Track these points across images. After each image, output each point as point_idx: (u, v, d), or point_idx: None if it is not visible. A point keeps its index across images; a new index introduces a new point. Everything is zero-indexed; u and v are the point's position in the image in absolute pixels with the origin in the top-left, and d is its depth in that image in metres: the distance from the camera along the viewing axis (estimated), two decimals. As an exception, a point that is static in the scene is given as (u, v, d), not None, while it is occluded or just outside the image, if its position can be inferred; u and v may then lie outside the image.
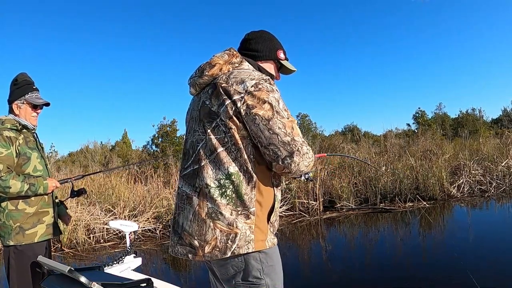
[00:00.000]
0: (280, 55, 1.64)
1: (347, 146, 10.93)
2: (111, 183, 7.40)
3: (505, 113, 23.65)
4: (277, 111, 1.36)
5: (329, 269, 4.53)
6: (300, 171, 1.40)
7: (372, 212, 7.56)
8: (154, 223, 6.79)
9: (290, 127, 1.37)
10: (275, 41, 1.65)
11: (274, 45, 1.64)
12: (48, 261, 1.88)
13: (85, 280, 1.75)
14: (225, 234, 1.35)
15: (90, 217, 6.42)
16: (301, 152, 1.36)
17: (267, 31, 1.68)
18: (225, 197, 1.36)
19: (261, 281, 1.41)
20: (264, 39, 1.63)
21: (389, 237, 5.82)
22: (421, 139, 10.46)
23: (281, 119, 1.36)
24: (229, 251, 1.35)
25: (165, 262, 5.46)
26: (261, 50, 1.61)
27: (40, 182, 2.29)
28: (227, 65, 1.47)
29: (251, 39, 1.64)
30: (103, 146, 15.86)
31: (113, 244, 6.31)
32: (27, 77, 2.47)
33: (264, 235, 1.42)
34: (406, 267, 4.27)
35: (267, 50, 1.62)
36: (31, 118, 2.41)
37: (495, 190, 8.37)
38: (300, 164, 1.36)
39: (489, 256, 4.40)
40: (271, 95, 1.37)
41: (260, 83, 1.38)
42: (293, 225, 7.05)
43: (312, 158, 1.41)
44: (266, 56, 1.61)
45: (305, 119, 22.15)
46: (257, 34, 1.65)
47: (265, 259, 1.42)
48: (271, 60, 1.63)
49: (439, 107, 24.88)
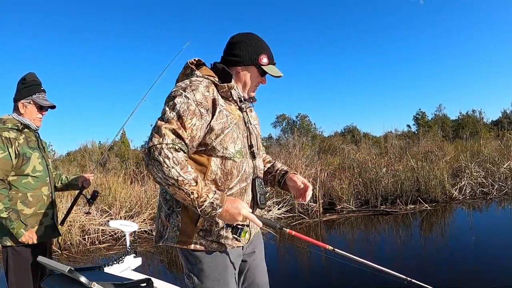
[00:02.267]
0: (262, 60, 1.62)
1: (347, 147, 10.96)
2: (108, 183, 7.37)
3: (504, 115, 23.81)
4: (165, 112, 1.42)
5: (329, 272, 4.52)
6: (156, 179, 1.35)
7: (373, 215, 7.56)
8: (151, 224, 6.76)
9: (158, 126, 1.37)
10: (258, 46, 1.64)
11: (257, 50, 1.63)
12: (48, 261, 1.88)
13: (85, 280, 1.75)
14: (162, 224, 1.59)
15: (86, 218, 6.39)
16: (150, 156, 1.33)
17: (252, 34, 1.68)
18: (167, 194, 1.57)
19: (191, 278, 1.55)
20: (246, 44, 1.63)
21: (390, 240, 5.83)
22: (422, 140, 10.49)
23: (160, 118, 1.41)
24: (161, 239, 1.58)
25: (165, 262, 5.46)
26: (242, 56, 1.62)
27: (19, 227, 2.18)
28: (183, 76, 1.62)
29: (235, 43, 1.65)
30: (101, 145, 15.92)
31: (108, 245, 6.28)
32: (35, 77, 2.47)
33: (187, 236, 1.52)
34: (407, 271, 4.25)
35: (248, 56, 1.62)
36: (36, 119, 2.42)
37: (498, 192, 8.40)
38: (150, 170, 1.34)
39: (492, 260, 4.39)
40: (176, 99, 1.42)
41: (177, 89, 1.47)
42: (292, 227, 7.05)
43: (171, 171, 1.30)
44: (246, 62, 1.62)
45: (304, 119, 22.22)
46: (241, 38, 1.66)
47: (193, 260, 1.54)
48: (252, 66, 1.63)
49: (439, 109, 25.04)
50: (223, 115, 1.50)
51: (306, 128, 21.31)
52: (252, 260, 1.75)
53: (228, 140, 1.51)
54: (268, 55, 1.65)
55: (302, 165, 8.46)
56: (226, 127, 1.51)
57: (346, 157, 9.99)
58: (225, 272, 1.55)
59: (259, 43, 1.65)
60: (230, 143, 1.52)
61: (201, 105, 1.44)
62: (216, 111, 1.48)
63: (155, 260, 5.61)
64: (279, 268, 4.98)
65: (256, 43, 1.64)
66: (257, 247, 1.80)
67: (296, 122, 23.05)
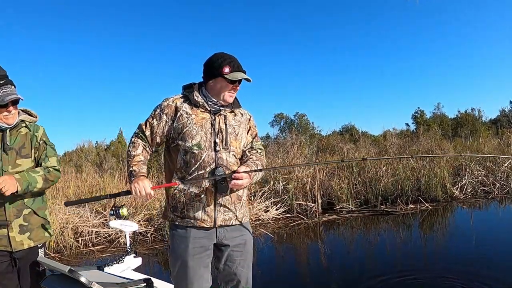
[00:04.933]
0: (225, 70, 1.99)
1: (346, 146, 10.98)
2: (104, 183, 7.34)
3: (503, 113, 24.01)
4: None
5: (328, 274, 4.53)
6: None
7: (373, 215, 7.59)
8: (146, 226, 6.73)
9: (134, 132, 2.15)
10: (220, 61, 2.03)
11: (218, 64, 2.02)
12: (48, 261, 1.88)
13: (85, 280, 1.76)
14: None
15: (79, 219, 6.35)
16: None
17: (216, 53, 2.09)
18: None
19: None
20: (212, 61, 2.06)
21: (390, 241, 5.84)
22: (422, 139, 10.56)
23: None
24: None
25: (165, 262, 5.44)
26: (207, 72, 2.08)
27: None
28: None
29: (205, 64, 2.11)
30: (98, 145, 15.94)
31: (102, 248, 6.25)
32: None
33: (166, 211, 2.11)
34: (408, 272, 4.27)
35: (211, 72, 2.05)
36: (3, 118, 2.25)
37: (499, 191, 8.46)
38: None
39: (494, 261, 4.42)
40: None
41: None
42: (290, 228, 7.05)
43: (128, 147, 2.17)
44: (213, 76, 2.04)
45: (302, 118, 22.28)
46: (208, 59, 2.10)
47: (169, 235, 2.09)
48: (219, 77, 2.01)
49: (438, 107, 25.18)
50: (183, 117, 2.02)
51: (304, 127, 21.34)
52: (231, 250, 2.07)
53: (187, 136, 1.99)
54: (231, 65, 2.01)
55: (300, 165, 8.47)
56: (185, 126, 2.00)
57: (345, 156, 10.01)
58: (185, 253, 1.97)
59: (221, 58, 2.04)
60: (189, 138, 1.99)
61: (162, 111, 2.05)
62: (177, 115, 2.02)
63: (155, 260, 5.60)
64: (276, 269, 4.99)
65: (218, 59, 2.04)
66: (239, 238, 2.09)
67: (294, 121, 23.08)
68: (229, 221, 2.04)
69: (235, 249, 2.07)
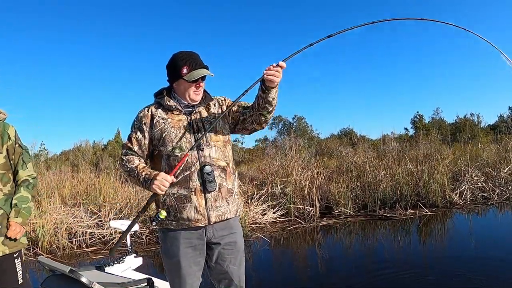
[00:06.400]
0: (183, 71, 2.03)
1: (344, 150, 11.01)
2: (99, 184, 7.32)
3: (501, 119, 24.17)
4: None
5: (326, 279, 4.53)
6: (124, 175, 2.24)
7: (371, 219, 7.59)
8: (141, 227, 6.71)
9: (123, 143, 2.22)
10: (178, 63, 2.06)
11: (176, 66, 2.06)
12: (49, 261, 1.87)
13: (86, 280, 1.76)
14: None
15: (73, 220, 6.33)
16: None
17: (174, 55, 2.11)
18: None
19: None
20: (169, 65, 2.12)
21: (388, 246, 5.83)
22: (421, 143, 10.59)
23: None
24: None
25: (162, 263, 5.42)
26: (169, 76, 2.13)
27: None
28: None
29: (166, 69, 2.14)
30: (95, 145, 15.93)
31: (96, 249, 6.22)
32: None
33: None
34: (406, 278, 4.28)
35: (172, 75, 2.10)
36: None
37: (499, 197, 8.48)
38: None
39: (494, 267, 4.41)
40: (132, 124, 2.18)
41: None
42: (288, 232, 7.06)
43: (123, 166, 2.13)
44: (174, 78, 2.09)
45: (301, 121, 22.34)
46: (167, 64, 2.13)
47: (160, 238, 2.16)
48: (180, 79, 2.06)
49: (437, 112, 25.34)
50: (159, 123, 2.07)
51: (303, 130, 21.42)
52: (222, 248, 2.10)
53: (167, 140, 2.05)
54: (188, 65, 2.04)
55: (299, 167, 8.48)
56: (163, 131, 2.06)
57: (344, 160, 10.03)
58: (177, 253, 2.03)
59: (179, 59, 2.07)
60: (169, 142, 2.04)
61: (141, 122, 2.10)
62: (153, 122, 2.08)
63: (155, 260, 5.57)
64: (272, 273, 4.99)
65: (176, 61, 2.07)
66: (228, 237, 2.12)
67: (293, 123, 23.17)
68: (223, 216, 2.07)
69: (226, 247, 2.11)
